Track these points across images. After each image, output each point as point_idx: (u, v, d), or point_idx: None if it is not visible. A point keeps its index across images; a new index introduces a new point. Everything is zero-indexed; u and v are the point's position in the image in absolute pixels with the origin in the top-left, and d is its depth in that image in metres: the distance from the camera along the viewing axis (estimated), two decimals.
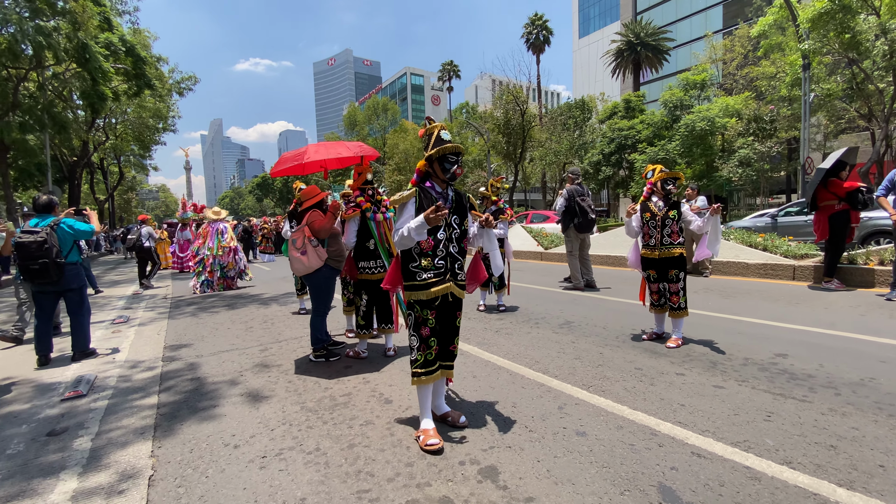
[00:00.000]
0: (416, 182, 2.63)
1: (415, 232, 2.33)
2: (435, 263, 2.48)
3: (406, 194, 2.51)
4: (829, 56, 17.99)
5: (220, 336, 5.08)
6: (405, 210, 2.50)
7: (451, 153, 2.50)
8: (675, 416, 2.70)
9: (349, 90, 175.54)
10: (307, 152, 4.08)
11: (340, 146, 4.15)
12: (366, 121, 52.21)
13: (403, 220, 2.46)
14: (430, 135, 2.61)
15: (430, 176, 2.60)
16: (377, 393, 3.22)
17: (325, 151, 4.08)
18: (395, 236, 2.43)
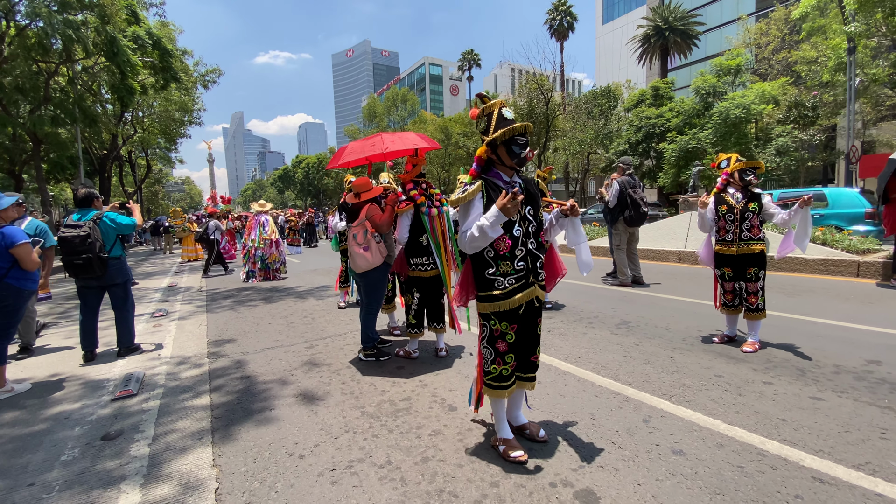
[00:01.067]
0: (478, 173, 2.31)
1: (490, 229, 2.03)
2: (515, 266, 2.18)
3: (472, 189, 2.17)
4: (875, 39, 16.95)
5: (262, 332, 4.97)
6: (472, 208, 2.18)
7: (519, 134, 2.17)
8: (779, 432, 2.43)
9: (367, 81, 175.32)
10: (382, 142, 3.83)
11: (409, 137, 3.90)
12: (385, 112, 51.98)
13: (472, 220, 2.15)
14: (488, 115, 2.25)
15: (493, 164, 2.28)
16: (438, 398, 3.02)
17: (401, 142, 3.84)
18: (464, 238, 2.13)
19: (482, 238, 2.08)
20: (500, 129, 2.16)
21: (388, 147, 3.77)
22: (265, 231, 8.77)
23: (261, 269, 8.83)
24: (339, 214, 6.07)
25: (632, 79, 41.11)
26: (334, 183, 58.15)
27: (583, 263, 2.46)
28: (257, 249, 8.64)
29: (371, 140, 3.95)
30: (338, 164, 4.20)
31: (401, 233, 3.60)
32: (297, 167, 63.59)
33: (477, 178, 2.28)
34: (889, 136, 25.12)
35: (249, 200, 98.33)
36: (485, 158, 2.29)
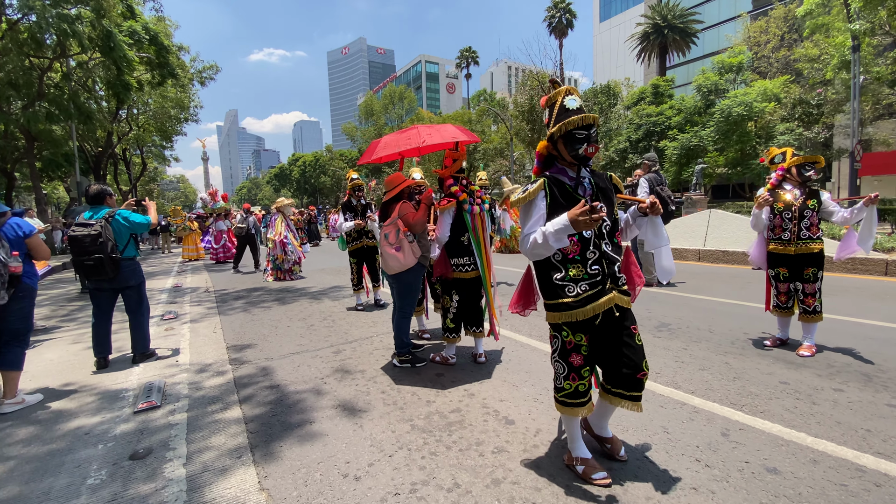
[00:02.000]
0: (539, 169, 2.12)
1: (553, 238, 1.82)
2: (588, 270, 1.95)
3: (532, 188, 1.97)
4: (877, 38, 16.92)
5: (282, 335, 4.73)
6: (533, 209, 1.98)
7: (578, 128, 1.94)
8: (869, 445, 2.24)
9: (363, 79, 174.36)
10: (419, 135, 3.60)
11: (447, 130, 3.66)
12: (382, 110, 51.63)
13: (534, 222, 1.96)
14: (551, 105, 2.03)
15: (555, 159, 2.07)
16: (491, 410, 2.81)
17: (438, 135, 3.61)
18: (526, 244, 1.94)
19: (544, 247, 1.88)
20: (558, 123, 1.97)
21: (426, 140, 3.53)
22: (271, 231, 8.54)
23: (272, 270, 8.61)
24: (342, 214, 5.84)
25: (630, 77, 41.05)
26: (331, 181, 57.74)
27: (663, 270, 2.19)
28: (269, 250, 8.44)
29: (406, 133, 3.72)
30: (371, 158, 3.97)
31: (442, 231, 3.38)
32: (293, 165, 63.04)
33: (539, 175, 2.08)
34: (886, 134, 25.16)
35: (244, 199, 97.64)
36: (544, 154, 2.10)
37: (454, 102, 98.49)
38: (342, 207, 5.97)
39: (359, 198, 5.98)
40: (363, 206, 5.99)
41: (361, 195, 6.02)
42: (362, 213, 5.93)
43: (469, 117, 37.89)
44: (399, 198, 3.60)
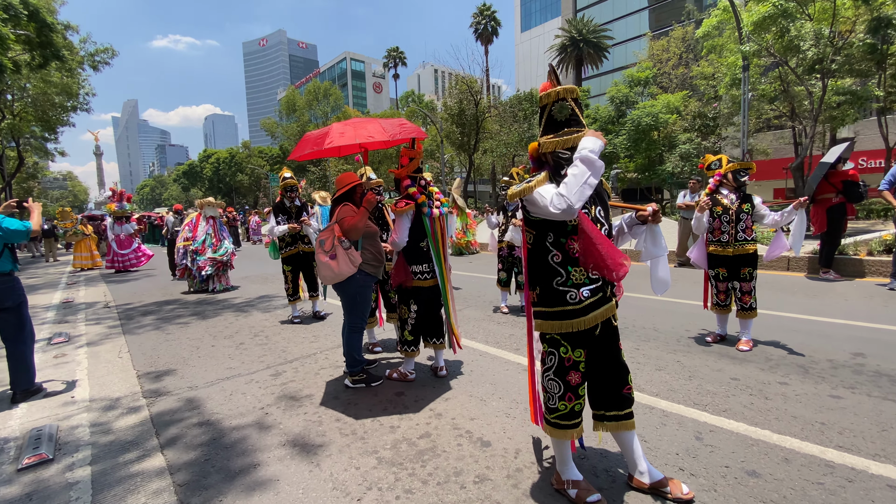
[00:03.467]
0: (535, 168, 1.99)
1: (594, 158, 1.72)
2: (590, 274, 1.83)
3: (540, 177, 1.79)
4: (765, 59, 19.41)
5: (207, 357, 4.11)
6: (545, 188, 1.78)
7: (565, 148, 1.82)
8: (829, 438, 2.36)
9: (283, 73, 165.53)
10: (329, 134, 3.27)
11: (372, 125, 3.37)
12: (306, 106, 49.29)
13: (552, 189, 1.76)
14: (542, 107, 1.92)
15: (544, 165, 1.94)
16: (463, 431, 2.59)
17: (354, 133, 3.29)
18: (569, 194, 1.66)
19: (593, 168, 1.71)
20: (546, 137, 1.87)
21: (333, 141, 3.23)
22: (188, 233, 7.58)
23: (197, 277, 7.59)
24: (274, 217, 5.31)
25: None
26: (249, 180, 54.01)
27: (659, 281, 2.10)
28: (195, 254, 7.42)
29: (322, 131, 3.41)
30: (299, 155, 3.60)
31: (400, 236, 3.09)
32: (204, 162, 57.89)
33: (535, 174, 1.91)
34: (765, 145, 28.97)
35: (147, 199, 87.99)
36: (535, 157, 1.97)
37: (381, 102, 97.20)
38: (274, 209, 5.41)
39: (292, 198, 5.45)
40: (298, 207, 5.48)
41: (295, 196, 5.50)
42: (297, 215, 5.42)
43: (398, 117, 37.44)
44: (344, 199, 3.25)
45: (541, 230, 1.86)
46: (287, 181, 5.40)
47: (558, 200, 1.68)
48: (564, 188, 1.69)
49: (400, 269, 3.19)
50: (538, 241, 1.88)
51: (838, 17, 15.56)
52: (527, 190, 1.76)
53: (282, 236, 5.34)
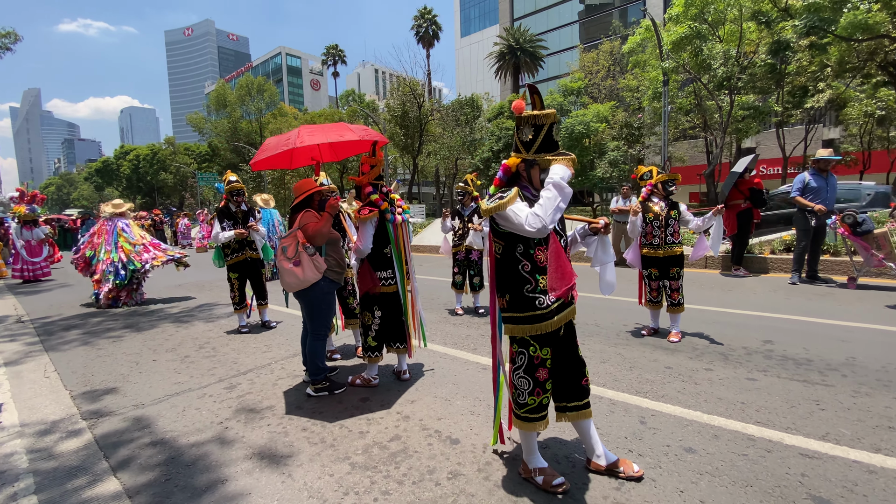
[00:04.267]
0: (503, 182, 2.10)
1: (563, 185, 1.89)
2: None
3: (511, 194, 1.90)
4: (682, 75, 21.41)
5: (150, 373, 3.86)
6: (520, 203, 1.94)
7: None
8: (748, 415, 2.73)
9: (212, 66, 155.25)
10: (299, 135, 3.23)
11: (342, 129, 3.38)
12: (238, 101, 46.65)
13: (525, 210, 1.89)
14: (536, 126, 1.99)
15: (519, 178, 2.09)
16: (431, 431, 2.69)
17: (323, 134, 3.28)
18: (546, 213, 1.82)
19: (561, 191, 1.88)
20: (542, 153, 1.99)
21: (303, 141, 3.26)
22: (131, 237, 6.90)
23: (122, 288, 6.86)
24: (218, 222, 5.08)
25: (489, 91, 44.51)
26: (174, 179, 50.16)
27: (607, 284, 2.33)
28: (115, 263, 6.71)
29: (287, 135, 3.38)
30: (259, 160, 3.52)
31: (364, 243, 3.12)
32: (121, 159, 52.87)
33: (501, 189, 2.05)
34: (682, 152, 31.81)
35: (53, 199, 78.65)
36: (512, 171, 2.08)
37: (320, 100, 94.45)
38: (218, 214, 5.16)
39: (238, 203, 5.24)
40: (244, 212, 5.27)
41: (242, 200, 5.28)
42: (243, 220, 5.22)
43: (339, 117, 36.63)
44: (304, 206, 3.23)
45: (510, 241, 2.01)
46: (233, 185, 5.18)
47: (534, 220, 1.84)
48: (540, 209, 1.85)
49: (366, 275, 3.22)
50: (507, 252, 2.03)
51: (744, 40, 17.53)
52: (501, 206, 1.89)
53: (227, 242, 5.11)
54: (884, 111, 19.79)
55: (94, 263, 6.75)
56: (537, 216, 1.84)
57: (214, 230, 5.08)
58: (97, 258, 6.73)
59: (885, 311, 4.90)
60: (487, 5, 65.16)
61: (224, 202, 5.23)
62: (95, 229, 7.03)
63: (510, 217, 1.89)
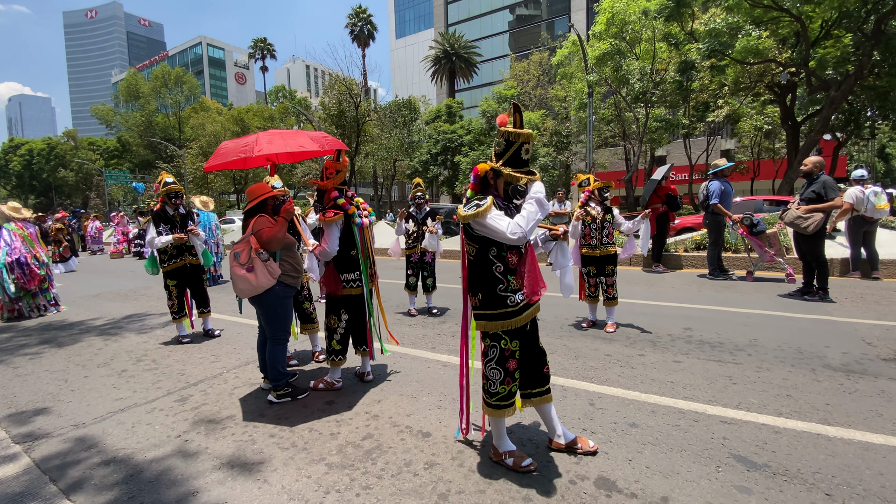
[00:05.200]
0: (477, 187, 2.28)
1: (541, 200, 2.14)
2: (523, 282, 2.26)
3: (488, 203, 2.09)
4: (604, 88, 23.17)
5: (83, 390, 3.55)
6: (495, 213, 2.12)
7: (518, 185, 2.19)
8: (677, 392, 3.15)
9: (120, 53, 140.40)
10: (258, 143, 3.19)
11: (301, 136, 3.39)
12: (153, 93, 42.94)
13: (505, 218, 2.10)
14: (508, 141, 2.20)
15: (489, 184, 2.27)
16: (402, 426, 2.79)
17: (283, 142, 3.26)
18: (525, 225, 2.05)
19: (543, 209, 2.11)
20: (509, 167, 2.20)
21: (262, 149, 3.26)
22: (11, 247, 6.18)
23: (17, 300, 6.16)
24: (153, 227, 4.78)
25: (426, 94, 44.93)
26: (76, 177, 44.91)
27: (566, 287, 2.56)
28: None
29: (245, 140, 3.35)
30: (214, 164, 3.42)
31: (331, 245, 3.15)
32: (11, 154, 46.34)
33: (481, 193, 2.24)
34: (603, 159, 34.26)
35: None
36: (482, 177, 2.27)
37: (246, 95, 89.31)
38: (154, 218, 4.83)
39: (176, 206, 4.95)
40: (182, 215, 4.99)
41: (180, 202, 5.00)
42: (181, 224, 4.94)
43: (270, 113, 35.00)
44: (258, 210, 3.20)
45: (484, 245, 2.19)
46: (170, 187, 4.88)
47: (515, 228, 2.05)
48: (523, 220, 2.07)
49: (330, 277, 3.24)
50: (481, 254, 2.21)
51: (657, 58, 19.36)
52: (479, 214, 2.08)
53: (163, 248, 4.80)
54: (770, 126, 22.90)
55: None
56: (519, 226, 2.06)
57: (149, 235, 4.75)
58: None
59: (777, 299, 5.77)
60: (422, 9, 65.65)
61: (160, 205, 4.92)
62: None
63: (489, 224, 2.09)
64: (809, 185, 5.50)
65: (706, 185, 7.04)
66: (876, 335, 4.23)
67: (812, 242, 5.53)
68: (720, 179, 6.89)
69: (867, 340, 4.09)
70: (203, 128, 33.34)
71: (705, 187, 7.03)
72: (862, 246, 6.67)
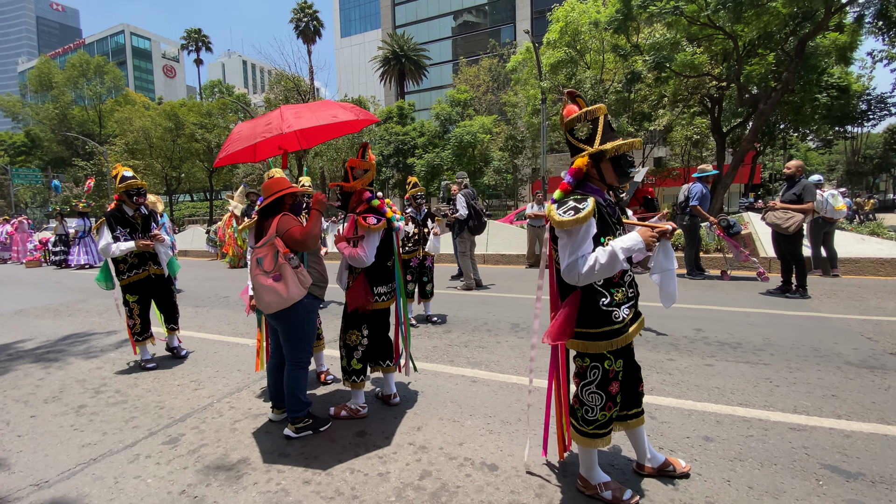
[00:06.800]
0: (572, 187, 1.97)
1: (624, 256, 1.78)
2: (628, 294, 1.98)
3: (588, 209, 1.78)
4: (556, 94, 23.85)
5: (36, 435, 2.81)
6: (590, 229, 1.81)
7: (628, 152, 1.90)
8: (728, 398, 3.04)
9: (28, 39, 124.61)
10: (283, 117, 2.64)
11: (331, 106, 2.83)
12: (68, 83, 38.53)
13: (587, 244, 1.81)
14: (593, 120, 1.92)
15: (588, 179, 1.98)
16: (459, 458, 2.42)
17: (312, 115, 2.72)
18: (582, 266, 1.77)
19: (609, 268, 1.78)
20: (613, 142, 1.88)
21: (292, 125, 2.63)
22: None
23: None
24: (109, 231, 4.02)
25: (375, 95, 44.05)
26: None
27: (668, 295, 2.11)
28: None
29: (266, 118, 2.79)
30: (227, 155, 2.87)
31: (370, 255, 2.70)
32: None
33: (574, 193, 1.93)
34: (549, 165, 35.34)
35: None
36: (582, 171, 1.94)
37: (175, 89, 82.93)
38: (108, 220, 4.05)
39: (137, 205, 4.19)
40: (144, 216, 4.24)
41: (142, 201, 4.23)
42: (143, 227, 4.19)
43: (208, 109, 32.59)
44: (276, 209, 2.70)
45: None
46: (130, 182, 4.12)
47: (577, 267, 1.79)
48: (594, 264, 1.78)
49: (360, 291, 2.78)
50: None
51: (605, 69, 20.17)
52: (579, 221, 1.76)
53: (122, 257, 4.05)
54: (699, 136, 24.72)
55: None
56: (580, 264, 1.79)
57: (103, 241, 3.97)
58: None
59: (761, 297, 6.00)
60: (368, 9, 64.61)
61: (115, 204, 4.15)
62: None
63: (575, 239, 1.80)
64: (790, 188, 5.77)
65: (688, 186, 7.25)
66: (870, 330, 4.44)
67: (791, 242, 5.80)
68: (702, 184, 7.11)
69: (866, 335, 4.27)
70: (130, 122, 30.30)
71: (687, 189, 7.24)
72: (822, 245, 7.16)
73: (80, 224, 11.77)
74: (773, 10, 14.01)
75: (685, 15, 14.86)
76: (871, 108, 20.50)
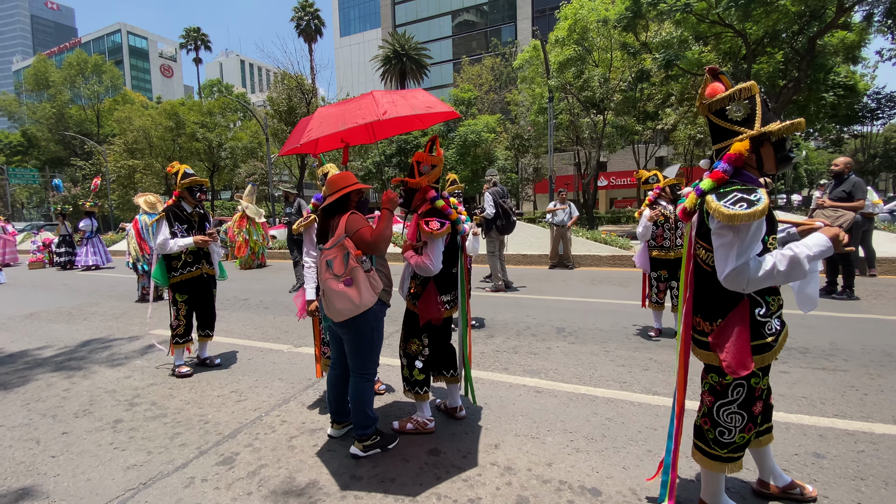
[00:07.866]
0: (729, 175, 1.69)
1: (810, 263, 1.56)
2: (780, 302, 1.76)
3: (765, 203, 1.52)
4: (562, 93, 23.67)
5: (73, 455, 2.56)
6: (760, 226, 1.58)
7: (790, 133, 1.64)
8: (821, 409, 2.82)
9: (23, 38, 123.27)
10: (378, 103, 2.37)
11: (419, 94, 2.57)
12: (66, 81, 38.04)
13: (756, 245, 1.57)
14: (749, 98, 1.66)
15: (743, 168, 1.70)
16: (553, 482, 2.19)
17: (405, 102, 2.45)
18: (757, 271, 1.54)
19: (787, 276, 1.55)
20: (778, 124, 1.63)
21: (388, 112, 2.35)
22: None
23: None
24: (168, 226, 3.79)
25: None
26: None
27: (808, 298, 1.84)
28: None
29: (357, 102, 2.52)
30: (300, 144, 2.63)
31: (436, 263, 2.46)
32: None
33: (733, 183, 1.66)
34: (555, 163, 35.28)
35: None
36: (742, 156, 1.67)
37: (173, 89, 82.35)
38: (168, 216, 3.82)
39: (198, 201, 4.00)
40: (201, 215, 4.03)
41: (204, 198, 4.06)
42: (199, 225, 3.98)
43: (209, 109, 32.24)
44: (342, 207, 2.46)
45: None
46: (193, 178, 3.92)
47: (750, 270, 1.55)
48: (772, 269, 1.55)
49: (432, 301, 2.54)
50: None
51: (612, 66, 19.99)
52: (755, 215, 1.50)
53: (177, 254, 3.84)
54: (702, 135, 24.57)
55: None
56: (753, 268, 1.55)
57: (161, 236, 3.76)
58: None
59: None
60: (368, 8, 64.31)
61: (174, 199, 3.95)
62: None
63: (744, 238, 1.56)
64: (838, 185, 5.56)
65: None
66: None
67: None
68: None
69: None
70: (130, 122, 29.90)
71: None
72: (860, 244, 6.97)
73: (88, 224, 11.44)
74: (781, 8, 13.89)
75: (694, 12, 14.72)
76: (880, 107, 20.39)
